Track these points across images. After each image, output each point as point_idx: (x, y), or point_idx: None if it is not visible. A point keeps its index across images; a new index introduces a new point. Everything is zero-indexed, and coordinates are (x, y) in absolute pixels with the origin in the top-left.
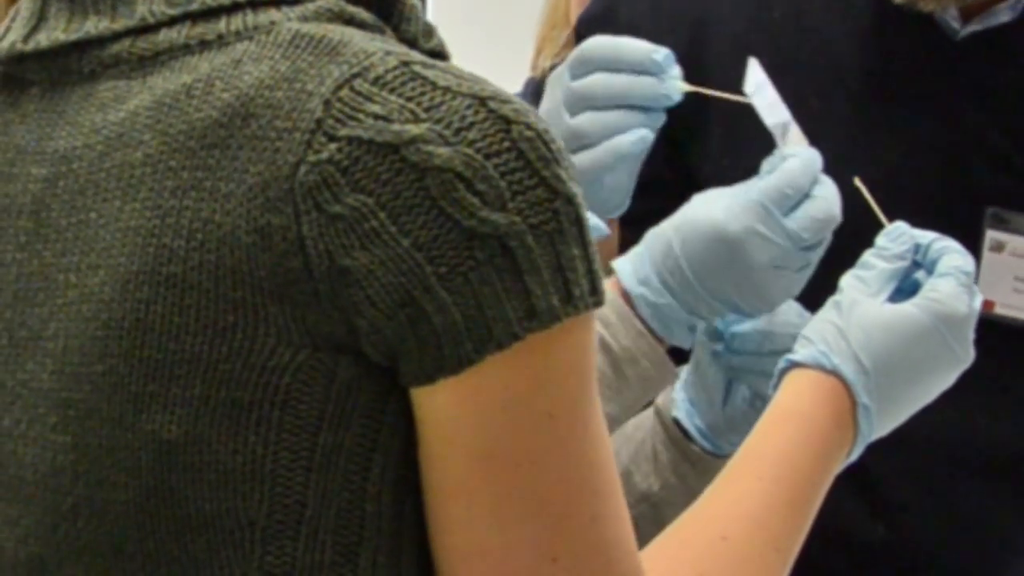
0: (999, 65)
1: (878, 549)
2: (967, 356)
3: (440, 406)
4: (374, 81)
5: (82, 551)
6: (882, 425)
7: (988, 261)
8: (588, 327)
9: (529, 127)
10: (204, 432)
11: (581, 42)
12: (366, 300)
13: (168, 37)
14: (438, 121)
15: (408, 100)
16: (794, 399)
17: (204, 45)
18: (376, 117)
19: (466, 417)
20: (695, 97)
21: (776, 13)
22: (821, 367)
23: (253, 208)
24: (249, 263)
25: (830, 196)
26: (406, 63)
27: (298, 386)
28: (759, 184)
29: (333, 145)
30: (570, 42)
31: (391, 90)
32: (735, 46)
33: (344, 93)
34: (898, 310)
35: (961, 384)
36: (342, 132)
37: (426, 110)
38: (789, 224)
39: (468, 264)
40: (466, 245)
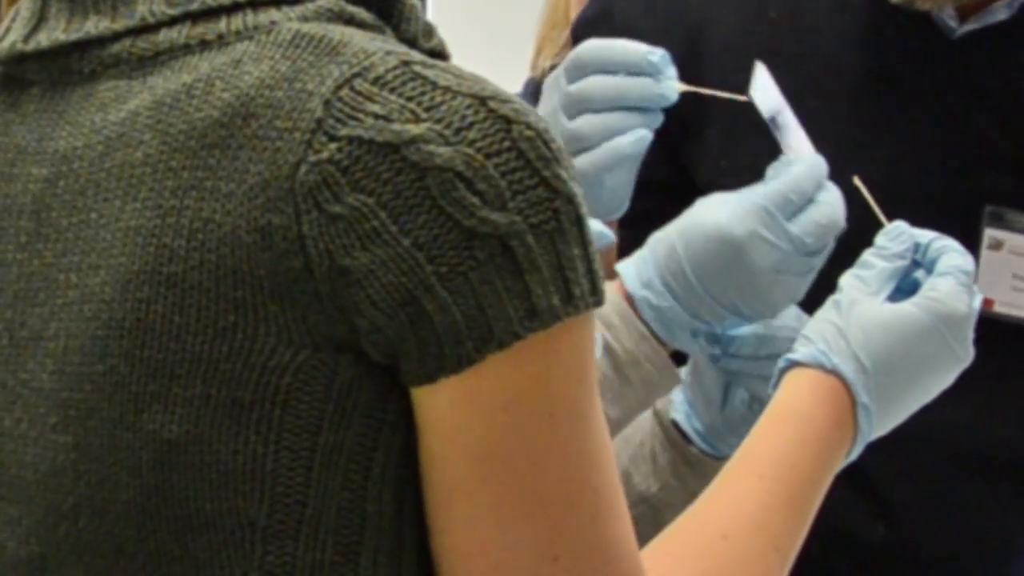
0: (996, 63)
1: (878, 549)
2: (967, 355)
3: (441, 405)
4: (374, 81)
5: (83, 551)
6: (882, 424)
7: (987, 259)
8: (588, 326)
9: (529, 127)
10: (205, 432)
11: (578, 44)
12: (367, 300)
13: (168, 37)
14: (438, 121)
15: (408, 100)
16: (794, 398)
17: (204, 45)
18: (376, 117)
19: (466, 416)
20: (691, 97)
21: (773, 13)
22: (821, 366)
23: (254, 208)
24: (250, 263)
25: (834, 202)
26: (406, 63)
27: (299, 386)
28: (764, 189)
29: (333, 145)
30: (569, 42)
31: (391, 90)
32: (731, 46)
33: (344, 93)
34: (898, 309)
35: (961, 383)
36: (342, 132)
37: (426, 110)
38: (793, 229)
39: (468, 264)
40: (466, 245)
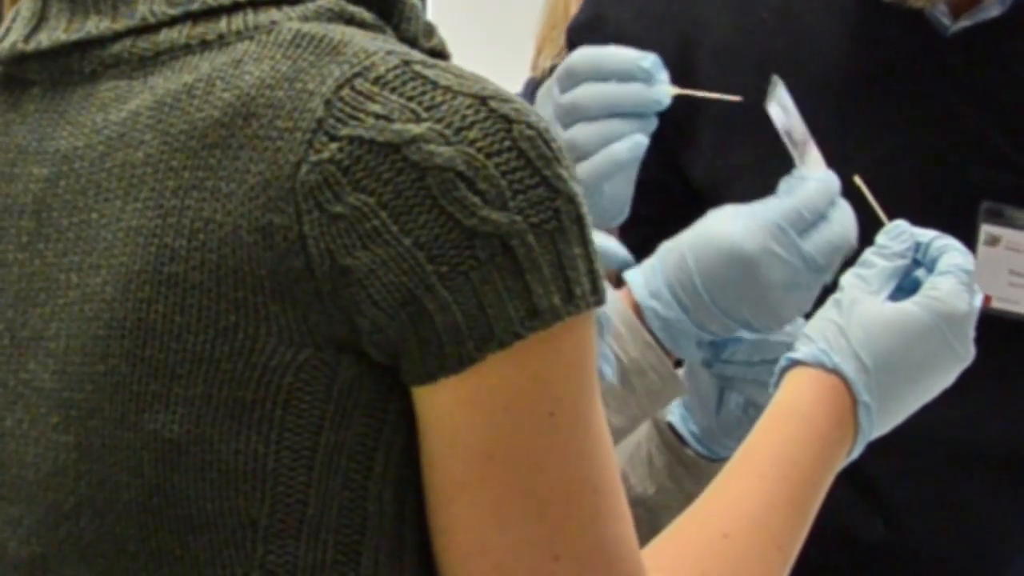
0: (990, 60)
1: (878, 549)
2: (967, 354)
3: (441, 405)
4: (375, 80)
5: (84, 551)
6: (883, 423)
7: (983, 255)
8: (589, 326)
9: (530, 126)
10: (206, 432)
11: (573, 49)
12: (367, 299)
13: (169, 37)
14: (439, 120)
15: (409, 99)
16: (795, 397)
17: (205, 45)
18: (377, 116)
19: (467, 416)
20: (684, 99)
21: (764, 13)
22: (822, 365)
23: (254, 208)
24: (251, 263)
25: (846, 221)
26: (407, 62)
27: (300, 385)
28: (777, 204)
29: (334, 144)
30: None
31: (392, 89)
32: (724, 47)
33: (345, 92)
34: (899, 308)
35: (961, 382)
36: (343, 131)
37: (427, 109)
38: (805, 247)
39: (469, 263)
40: (467, 244)
